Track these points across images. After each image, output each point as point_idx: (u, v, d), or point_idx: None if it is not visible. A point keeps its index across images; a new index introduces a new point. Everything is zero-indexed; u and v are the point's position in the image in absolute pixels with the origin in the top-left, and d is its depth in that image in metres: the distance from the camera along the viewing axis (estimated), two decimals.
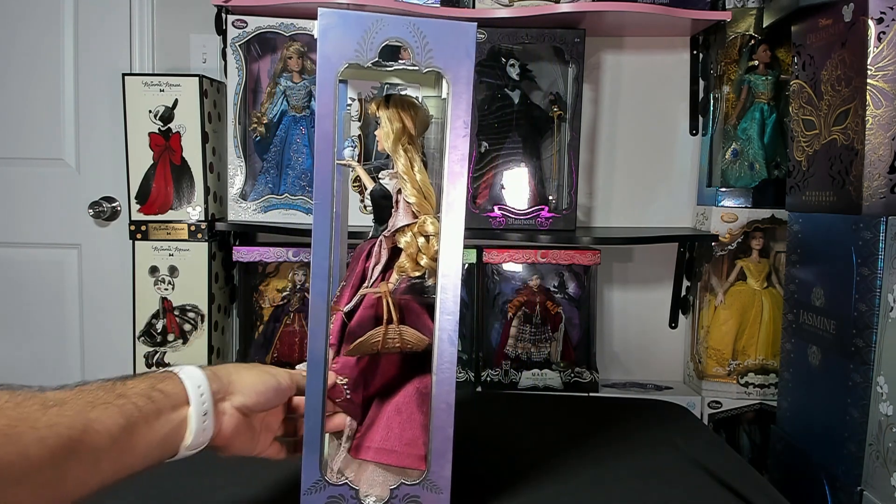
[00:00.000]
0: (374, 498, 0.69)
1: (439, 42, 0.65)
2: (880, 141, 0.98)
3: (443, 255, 0.67)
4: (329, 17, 0.63)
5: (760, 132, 1.42)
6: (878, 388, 0.95)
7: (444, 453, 0.69)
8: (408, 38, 0.65)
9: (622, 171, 1.57)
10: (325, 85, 0.64)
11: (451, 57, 0.66)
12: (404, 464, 0.71)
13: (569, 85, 1.38)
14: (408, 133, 0.76)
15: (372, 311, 0.73)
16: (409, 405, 0.73)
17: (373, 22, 0.64)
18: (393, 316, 0.71)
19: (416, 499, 0.69)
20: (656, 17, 1.32)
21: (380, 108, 0.77)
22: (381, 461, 0.71)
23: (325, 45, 0.63)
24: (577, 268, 1.47)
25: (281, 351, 1.47)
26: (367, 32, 0.64)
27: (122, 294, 1.55)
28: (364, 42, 0.64)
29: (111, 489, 0.51)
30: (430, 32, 0.65)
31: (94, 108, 1.56)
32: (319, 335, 0.66)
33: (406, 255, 0.73)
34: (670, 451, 0.93)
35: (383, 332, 0.70)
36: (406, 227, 0.74)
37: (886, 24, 0.98)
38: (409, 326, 0.72)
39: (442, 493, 0.69)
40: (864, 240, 0.98)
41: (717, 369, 1.44)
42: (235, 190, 1.43)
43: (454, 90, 0.67)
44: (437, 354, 0.68)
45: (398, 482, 0.69)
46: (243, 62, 1.41)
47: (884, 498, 0.93)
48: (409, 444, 0.71)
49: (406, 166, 0.75)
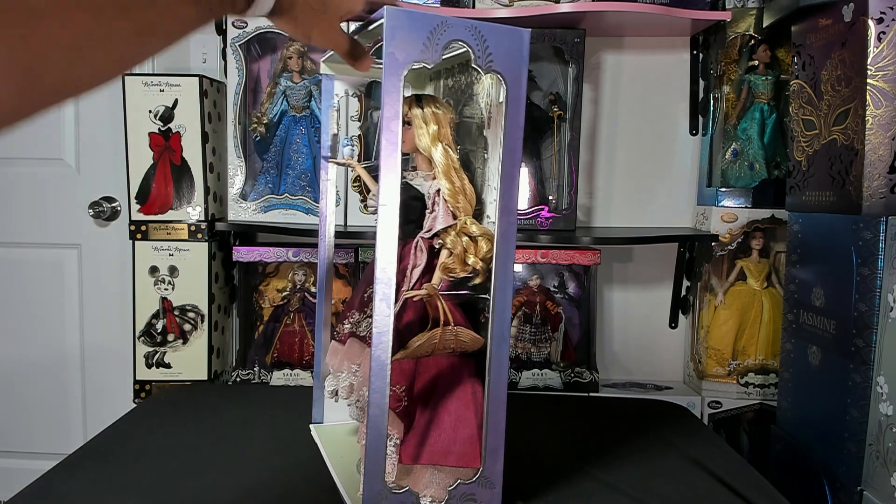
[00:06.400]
0: (431, 499, 0.69)
1: (498, 46, 0.66)
2: (880, 141, 0.99)
3: (498, 256, 0.68)
4: (397, 17, 0.61)
5: (760, 132, 1.42)
6: (878, 388, 0.95)
7: (497, 449, 0.70)
8: (469, 41, 0.65)
9: (622, 171, 1.57)
10: (392, 86, 0.62)
11: (508, 61, 0.67)
12: (461, 463, 0.71)
13: (569, 85, 1.38)
14: (444, 133, 0.76)
15: (416, 314, 0.72)
16: (458, 405, 0.72)
17: (438, 23, 0.63)
18: (449, 317, 0.70)
19: (471, 496, 0.70)
20: (656, 17, 1.32)
21: (412, 108, 0.76)
22: (438, 463, 0.70)
23: (392, 45, 0.61)
24: (577, 268, 1.47)
25: (281, 351, 1.47)
26: (432, 33, 0.63)
27: (122, 294, 1.55)
28: (430, 42, 0.63)
29: (112, 489, 0.51)
30: (489, 36, 0.66)
31: (94, 108, 1.56)
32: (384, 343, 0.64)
33: (454, 255, 0.72)
34: (670, 451, 0.93)
35: (440, 333, 0.70)
36: (449, 227, 0.73)
37: (886, 24, 0.98)
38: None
39: (495, 488, 0.70)
40: (864, 240, 0.98)
41: (717, 369, 1.44)
42: (235, 190, 1.43)
43: (511, 94, 0.68)
44: (491, 353, 0.68)
45: (455, 482, 0.69)
46: (243, 62, 1.41)
47: (884, 498, 0.93)
48: (462, 443, 0.71)
49: (446, 166, 0.75)
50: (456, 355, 0.73)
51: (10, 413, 1.63)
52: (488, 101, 0.80)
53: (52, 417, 1.62)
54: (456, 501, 0.69)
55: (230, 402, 1.12)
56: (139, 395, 1.41)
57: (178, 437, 0.94)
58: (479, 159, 0.83)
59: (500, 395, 0.69)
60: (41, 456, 1.49)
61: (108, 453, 0.88)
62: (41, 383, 1.62)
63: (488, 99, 0.80)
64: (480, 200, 0.79)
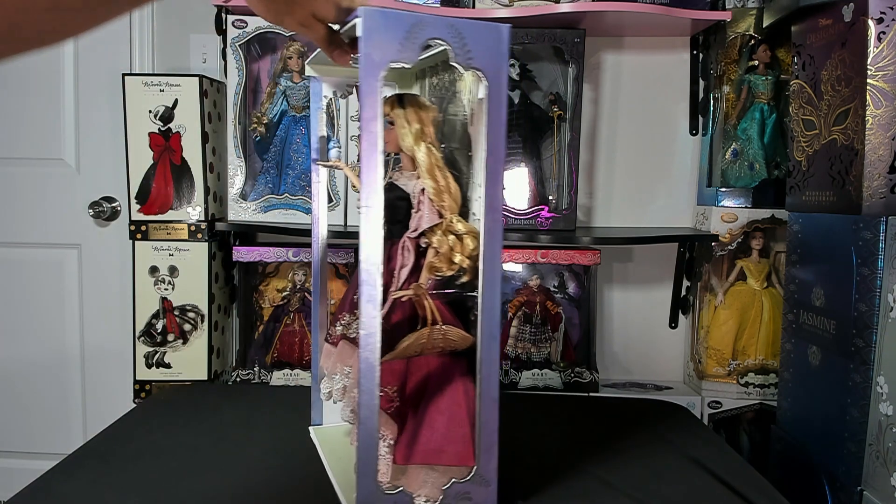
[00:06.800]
0: (426, 499, 0.69)
1: (477, 43, 0.65)
2: (880, 141, 0.99)
3: (484, 254, 0.68)
4: (373, 17, 0.60)
5: (760, 132, 1.42)
6: (878, 388, 0.95)
7: (490, 447, 0.70)
8: (448, 39, 0.64)
9: (622, 171, 1.57)
10: (369, 87, 0.61)
11: (488, 57, 0.66)
12: (454, 462, 0.70)
13: (569, 85, 1.38)
14: (426, 132, 0.76)
15: (404, 314, 0.72)
16: (450, 404, 0.72)
17: (414, 22, 0.62)
18: (437, 316, 0.70)
19: (467, 494, 0.69)
20: (656, 17, 1.32)
21: (394, 108, 0.76)
22: (432, 462, 0.70)
23: (369, 46, 0.61)
24: (577, 268, 1.47)
25: (281, 351, 1.47)
26: (409, 33, 0.62)
27: (122, 294, 1.55)
28: (407, 42, 0.62)
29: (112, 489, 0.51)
30: (468, 33, 0.65)
31: (94, 108, 1.56)
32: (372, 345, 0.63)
33: (440, 254, 0.72)
34: (670, 451, 0.93)
35: (428, 332, 0.70)
36: (435, 226, 0.73)
37: (886, 24, 0.98)
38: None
39: (490, 486, 0.70)
40: (864, 240, 0.98)
41: (717, 369, 1.44)
42: (235, 190, 1.43)
43: (492, 90, 0.67)
44: (480, 351, 0.68)
45: (449, 480, 0.69)
46: (243, 62, 1.41)
47: (884, 498, 0.93)
48: (456, 442, 0.71)
49: (430, 165, 0.74)
50: (446, 354, 0.73)
51: (10, 413, 1.63)
52: (470, 98, 0.79)
53: (52, 417, 1.62)
54: (451, 500, 0.68)
55: (230, 402, 1.12)
56: (139, 395, 1.41)
57: (178, 437, 0.94)
58: (465, 157, 0.83)
59: (493, 393, 0.69)
60: (41, 456, 1.49)
61: (107, 453, 0.88)
62: (41, 383, 1.62)
63: (470, 96, 0.79)
64: (466, 198, 0.79)
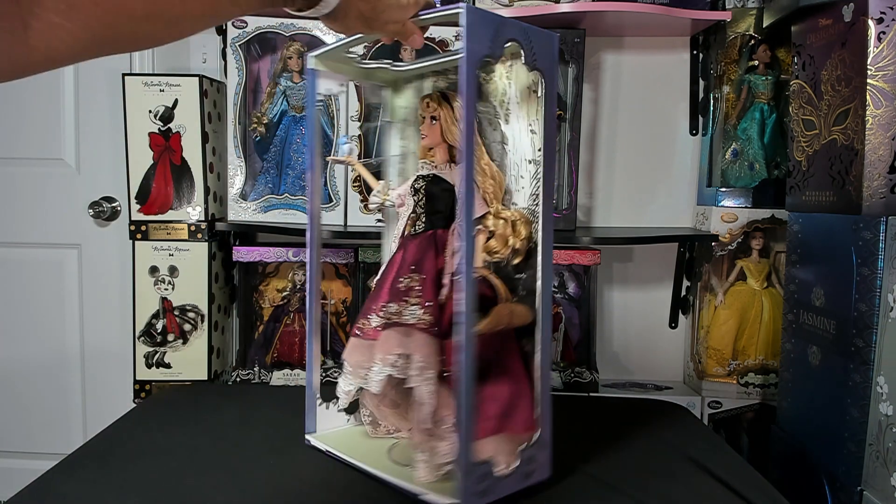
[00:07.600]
0: (504, 465, 0.73)
1: (540, 46, 0.72)
2: (880, 141, 0.99)
3: (543, 237, 0.75)
4: (474, 14, 0.65)
5: (760, 132, 1.42)
6: (878, 388, 0.95)
7: (547, 414, 0.78)
8: (521, 40, 0.70)
9: (622, 171, 1.57)
10: (468, 79, 0.65)
11: (546, 60, 0.73)
12: (521, 430, 0.76)
13: (569, 85, 1.38)
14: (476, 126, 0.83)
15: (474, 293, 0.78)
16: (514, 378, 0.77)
17: (500, 22, 0.68)
18: (508, 294, 0.78)
19: (532, 457, 0.76)
20: (656, 17, 1.32)
21: (441, 104, 0.83)
22: (507, 432, 0.75)
23: (471, 41, 0.65)
24: (577, 268, 1.47)
25: (281, 351, 1.47)
26: (497, 32, 0.67)
27: (122, 294, 1.55)
28: (495, 40, 0.67)
29: (112, 489, 0.51)
30: (534, 38, 0.72)
31: (94, 108, 1.56)
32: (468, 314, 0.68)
33: (497, 235, 0.79)
34: (670, 451, 0.93)
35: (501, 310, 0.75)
36: (486, 213, 0.80)
37: (886, 24, 0.98)
38: None
39: (547, 449, 0.78)
40: (864, 240, 0.98)
41: (717, 369, 1.44)
42: (235, 190, 1.43)
43: (549, 90, 0.74)
44: (542, 326, 0.76)
45: (522, 445, 0.75)
46: (243, 62, 1.41)
47: (884, 498, 0.93)
48: (522, 411, 0.76)
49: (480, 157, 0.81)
50: (497, 332, 0.76)
51: (10, 413, 1.63)
52: (503, 100, 0.85)
53: (52, 417, 1.62)
54: (523, 464, 0.75)
55: (230, 402, 1.12)
56: (139, 395, 1.41)
57: (178, 437, 0.94)
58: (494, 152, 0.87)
59: (549, 365, 0.78)
60: (41, 456, 1.49)
61: (107, 453, 0.88)
62: (41, 383, 1.62)
63: (503, 97, 0.85)
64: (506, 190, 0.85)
